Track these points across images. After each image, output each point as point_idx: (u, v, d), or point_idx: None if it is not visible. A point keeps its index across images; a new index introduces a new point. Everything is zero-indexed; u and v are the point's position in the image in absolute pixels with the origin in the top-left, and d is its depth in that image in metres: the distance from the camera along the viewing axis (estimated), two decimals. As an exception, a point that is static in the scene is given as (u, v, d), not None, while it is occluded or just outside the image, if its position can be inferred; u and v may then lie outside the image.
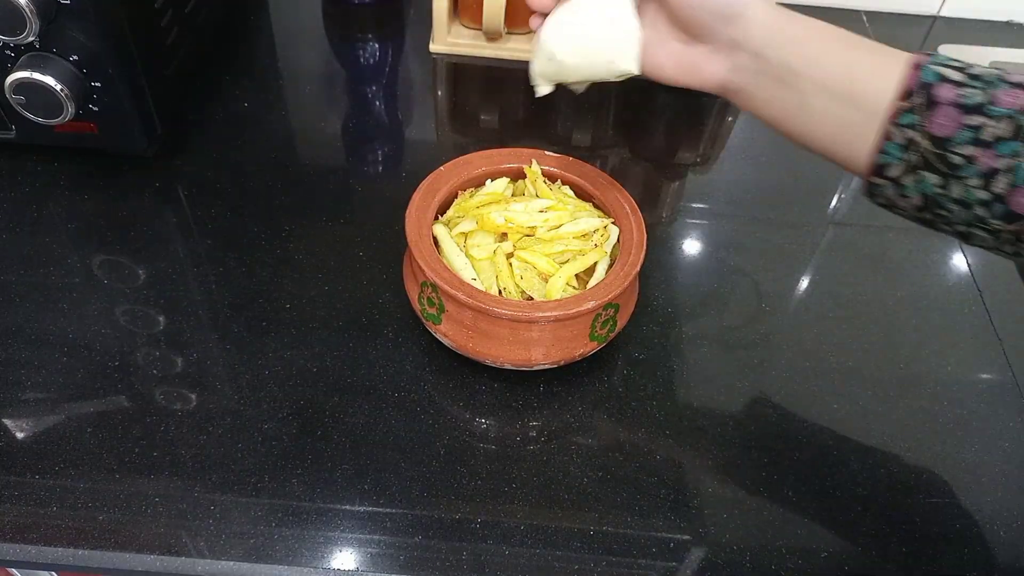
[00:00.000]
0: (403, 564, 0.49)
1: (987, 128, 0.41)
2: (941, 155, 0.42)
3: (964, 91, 0.41)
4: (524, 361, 0.55)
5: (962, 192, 0.42)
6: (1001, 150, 0.40)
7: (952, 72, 0.42)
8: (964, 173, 0.41)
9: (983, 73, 0.42)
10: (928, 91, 0.42)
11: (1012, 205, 0.41)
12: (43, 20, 0.57)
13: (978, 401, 0.60)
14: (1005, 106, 0.40)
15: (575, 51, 0.45)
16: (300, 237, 0.67)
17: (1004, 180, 0.40)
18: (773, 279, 0.68)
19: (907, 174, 0.43)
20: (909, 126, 0.42)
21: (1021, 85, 0.41)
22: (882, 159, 0.43)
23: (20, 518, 0.49)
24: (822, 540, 0.52)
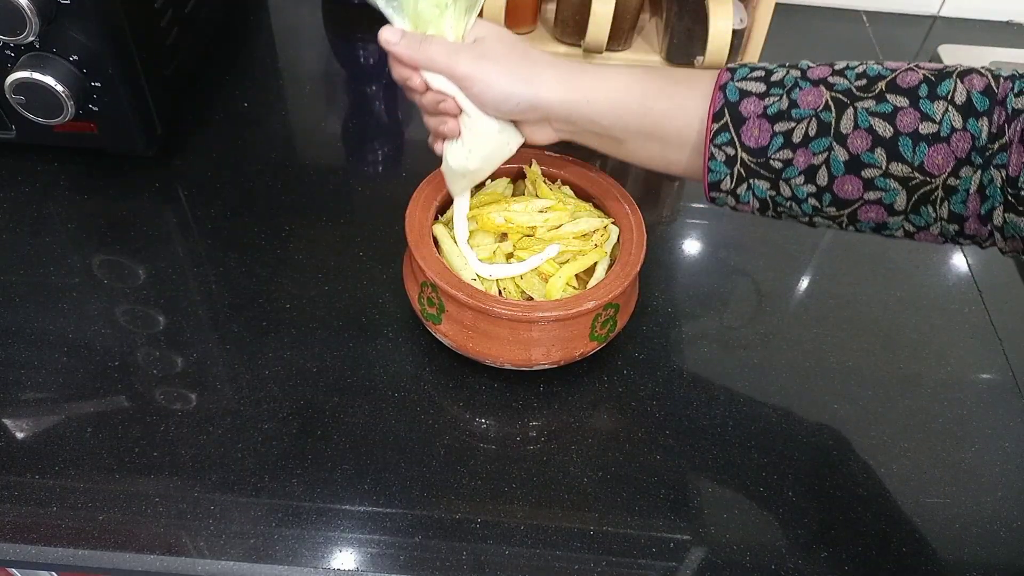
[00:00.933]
0: (403, 564, 0.49)
1: (796, 130, 0.44)
2: (762, 162, 0.46)
3: (767, 100, 0.45)
4: (524, 361, 0.55)
5: (791, 190, 0.46)
6: (813, 147, 0.44)
7: (753, 84, 0.46)
8: (787, 174, 0.45)
9: (784, 77, 0.46)
10: (734, 108, 0.46)
11: (838, 192, 0.44)
12: (43, 20, 0.57)
13: (978, 401, 0.60)
14: (807, 107, 0.44)
15: (484, 160, 0.55)
16: (300, 237, 0.67)
17: (824, 173, 0.44)
18: (773, 279, 0.68)
19: (739, 184, 0.47)
20: (726, 143, 0.46)
21: (820, 81, 0.44)
22: (712, 177, 0.48)
23: (20, 518, 0.49)
24: (822, 540, 0.52)
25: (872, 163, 0.43)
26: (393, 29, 0.53)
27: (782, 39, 0.89)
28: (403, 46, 0.52)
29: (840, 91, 0.44)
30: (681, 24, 0.82)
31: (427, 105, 0.54)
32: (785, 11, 0.91)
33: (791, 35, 0.94)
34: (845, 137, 0.43)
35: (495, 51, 0.51)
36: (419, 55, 0.51)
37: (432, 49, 0.51)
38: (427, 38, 0.52)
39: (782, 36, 0.89)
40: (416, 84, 0.53)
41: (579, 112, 0.50)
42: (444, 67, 0.51)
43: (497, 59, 0.51)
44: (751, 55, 0.86)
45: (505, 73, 0.50)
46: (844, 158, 0.43)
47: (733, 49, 0.82)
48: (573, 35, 0.85)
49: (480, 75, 0.50)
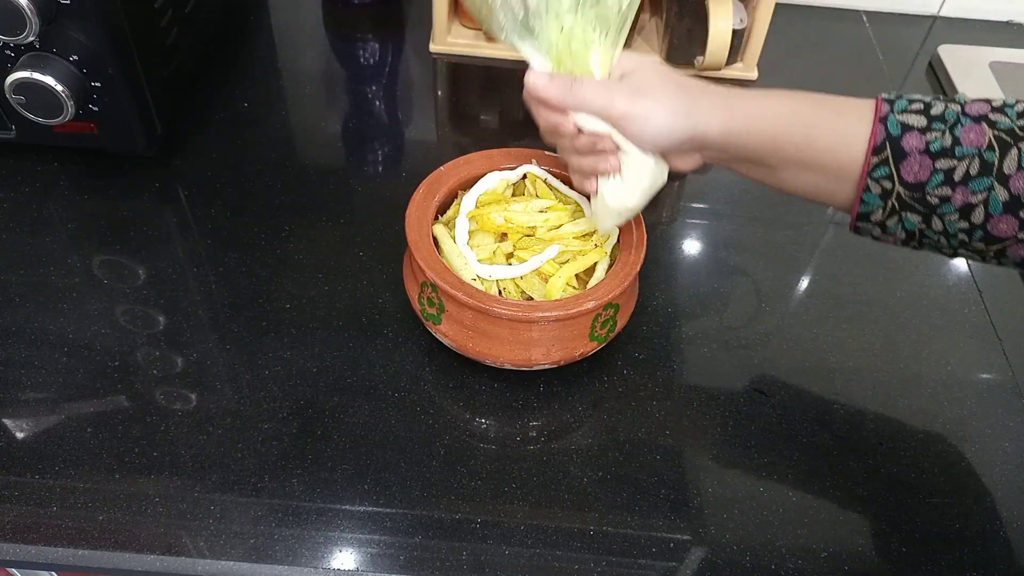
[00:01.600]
0: (403, 564, 0.49)
1: (957, 169, 0.43)
2: (919, 198, 0.44)
3: (930, 136, 0.44)
4: (524, 361, 0.55)
5: (943, 225, 0.45)
6: (974, 187, 0.43)
7: (915, 118, 0.44)
8: (943, 211, 0.44)
9: (945, 112, 0.44)
10: (895, 143, 0.44)
11: (992, 231, 0.43)
12: (43, 20, 0.57)
13: (978, 401, 0.60)
14: (970, 145, 0.43)
15: (643, 194, 0.53)
16: (300, 237, 0.67)
17: (980, 211, 0.43)
18: (773, 279, 0.68)
19: (889, 217, 0.46)
20: (884, 177, 0.45)
21: (981, 118, 0.43)
22: (863, 208, 0.46)
23: (20, 518, 0.49)
24: (822, 540, 0.52)
25: None
26: (539, 72, 0.50)
27: (782, 39, 0.89)
28: (553, 90, 0.50)
29: (1003, 130, 0.43)
30: (681, 24, 0.82)
31: (582, 147, 0.52)
32: (785, 11, 0.90)
33: (791, 35, 0.94)
34: (1008, 178, 0.42)
35: (649, 84, 0.49)
36: (571, 98, 0.49)
37: (584, 90, 0.49)
38: (577, 79, 0.50)
39: (782, 36, 0.89)
40: (568, 129, 0.51)
41: (738, 142, 0.48)
42: (600, 107, 0.49)
43: (653, 93, 0.49)
44: (751, 55, 0.86)
45: (663, 107, 0.48)
46: (1004, 198, 0.42)
47: (733, 49, 0.82)
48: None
49: (638, 112, 0.48)
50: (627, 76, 0.50)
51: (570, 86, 0.50)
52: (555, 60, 0.51)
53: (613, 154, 0.51)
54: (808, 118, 0.47)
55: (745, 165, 0.50)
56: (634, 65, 0.50)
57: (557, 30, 0.50)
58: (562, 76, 0.50)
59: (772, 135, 0.48)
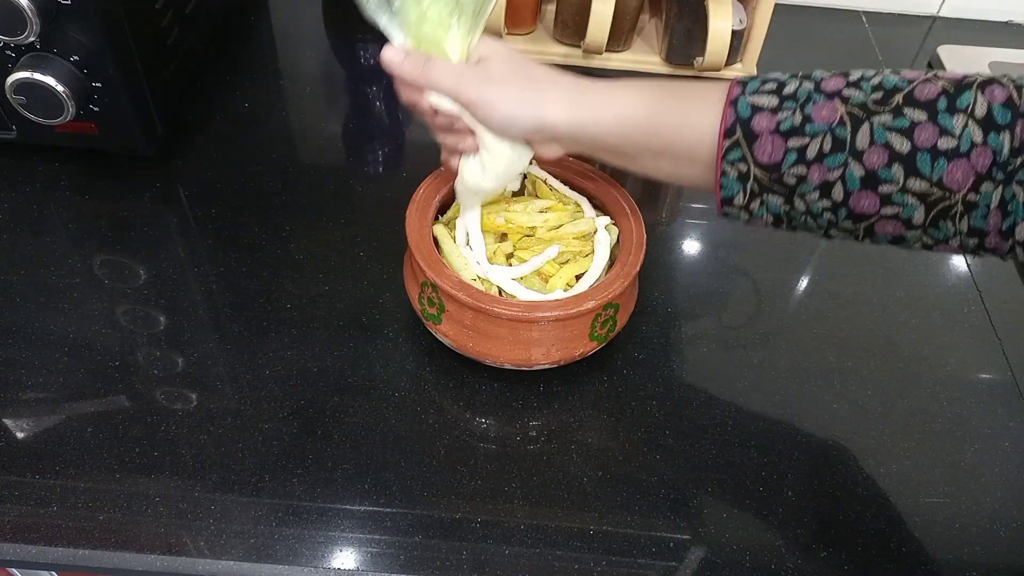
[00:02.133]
0: (403, 564, 0.49)
1: (810, 147, 0.43)
2: (776, 178, 0.44)
3: (780, 115, 0.44)
4: (524, 361, 0.55)
5: (805, 205, 0.45)
6: (829, 163, 0.43)
7: (765, 99, 0.44)
8: (802, 190, 0.44)
9: (797, 90, 0.44)
10: (746, 125, 0.44)
11: (855, 208, 0.43)
12: (43, 20, 0.57)
13: (978, 401, 0.60)
14: (822, 122, 0.43)
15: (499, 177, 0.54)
16: (300, 237, 0.67)
17: (839, 189, 0.43)
18: (773, 279, 0.68)
19: (752, 200, 0.46)
20: (739, 160, 0.45)
21: (835, 94, 0.43)
22: (725, 193, 0.46)
23: (20, 518, 0.49)
24: (822, 540, 0.52)
25: (889, 179, 0.42)
26: (396, 48, 0.52)
27: (782, 39, 0.89)
28: (407, 67, 0.51)
29: (856, 105, 0.42)
30: (681, 25, 0.82)
31: (440, 125, 0.53)
32: (785, 11, 0.90)
33: (791, 35, 0.94)
34: (861, 153, 0.42)
35: (500, 73, 0.50)
36: (423, 77, 0.51)
37: (436, 72, 0.50)
38: (430, 60, 0.51)
39: (782, 36, 0.89)
40: (424, 107, 0.52)
41: (586, 133, 0.49)
42: (449, 90, 0.50)
43: (502, 82, 0.50)
44: (751, 55, 0.86)
45: (510, 96, 0.49)
46: (860, 174, 0.42)
47: (733, 49, 0.82)
48: (573, 36, 0.85)
49: (485, 99, 0.49)
50: (482, 62, 0.51)
51: (423, 65, 0.51)
52: (414, 39, 0.52)
53: (471, 134, 0.52)
54: (654, 106, 0.48)
55: (603, 153, 0.51)
56: (491, 52, 0.51)
57: (416, 11, 0.51)
58: (417, 55, 0.51)
59: (619, 124, 0.48)
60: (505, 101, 0.49)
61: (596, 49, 0.81)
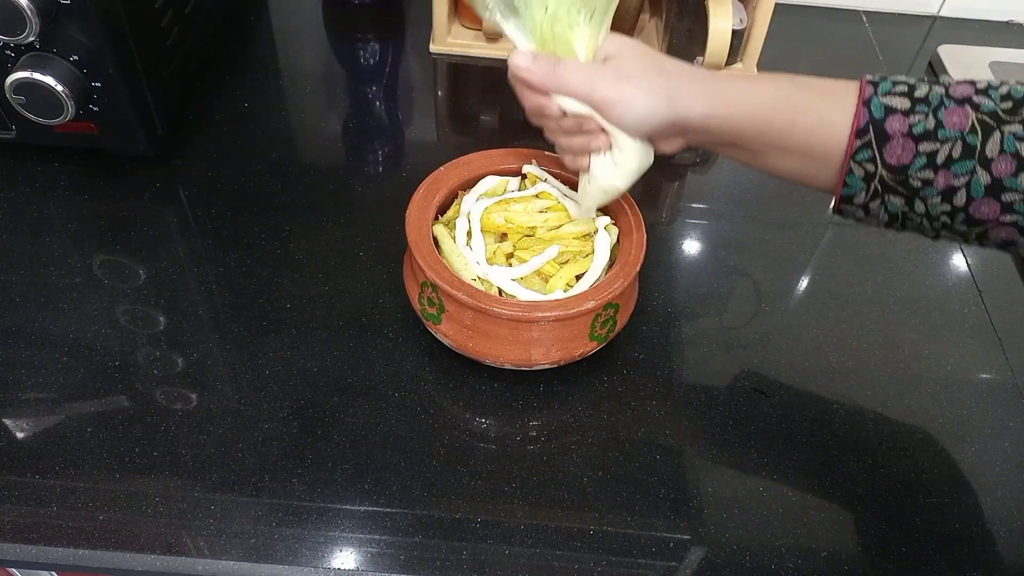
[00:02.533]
0: (403, 564, 0.49)
1: (940, 152, 0.43)
2: (901, 180, 0.44)
3: (913, 119, 0.44)
4: (524, 361, 0.55)
5: (925, 208, 0.45)
6: (956, 170, 0.43)
7: (898, 100, 0.44)
8: (925, 193, 0.44)
9: (929, 94, 0.44)
10: (879, 126, 0.44)
11: (974, 214, 0.43)
12: (43, 20, 0.57)
13: (978, 401, 0.60)
14: (953, 128, 0.43)
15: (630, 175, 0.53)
16: (300, 237, 0.67)
17: (963, 194, 0.43)
18: (773, 279, 0.68)
19: (872, 199, 0.46)
20: (867, 160, 0.45)
21: (965, 100, 0.43)
22: (846, 191, 0.46)
23: (20, 518, 0.49)
24: (822, 540, 0.52)
25: (1014, 188, 0.42)
26: (523, 54, 0.50)
27: (782, 39, 0.89)
28: (536, 71, 0.50)
29: (986, 112, 0.42)
30: (681, 24, 0.82)
31: (568, 128, 0.52)
32: (785, 11, 0.90)
33: (791, 35, 0.94)
34: (990, 161, 0.42)
35: (632, 68, 0.49)
36: (553, 81, 0.49)
37: (567, 73, 0.49)
38: (560, 61, 0.49)
39: (782, 36, 0.89)
40: (553, 111, 0.51)
41: (720, 127, 0.48)
42: (582, 91, 0.49)
43: (636, 78, 0.49)
44: (751, 55, 0.86)
45: (645, 92, 0.48)
46: (986, 182, 0.42)
47: (733, 49, 0.82)
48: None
49: (620, 97, 0.48)
50: (611, 59, 0.50)
51: (553, 68, 0.50)
52: (539, 41, 0.51)
53: (602, 133, 0.51)
54: (791, 102, 0.47)
55: (729, 148, 0.50)
56: (618, 48, 0.50)
57: (541, 11, 0.50)
58: (545, 57, 0.50)
59: (754, 119, 0.48)
60: (640, 98, 0.48)
61: (596, 49, 0.81)
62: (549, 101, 0.51)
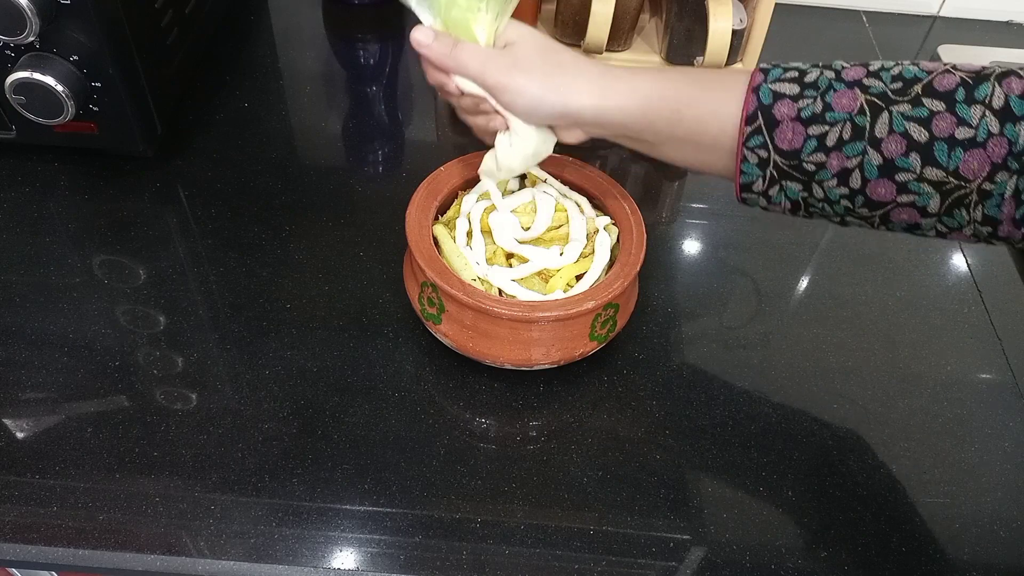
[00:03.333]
0: (403, 564, 0.49)
1: (830, 134, 0.44)
2: (795, 165, 0.45)
3: (801, 103, 0.44)
4: (524, 361, 0.55)
5: (823, 192, 0.45)
6: (847, 151, 0.43)
7: (787, 86, 0.45)
8: (820, 176, 0.45)
9: (819, 78, 0.45)
10: (767, 111, 0.45)
11: (872, 195, 0.44)
12: (43, 20, 0.57)
13: (978, 401, 0.60)
14: (842, 110, 0.43)
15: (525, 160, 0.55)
16: (300, 237, 0.67)
17: (857, 176, 0.44)
18: (773, 279, 0.68)
19: (771, 186, 0.47)
20: (759, 146, 0.45)
21: (855, 83, 0.44)
22: (744, 179, 0.47)
23: (20, 518, 0.49)
24: (822, 540, 0.52)
25: (906, 167, 0.42)
26: (425, 30, 0.52)
27: (782, 39, 0.89)
28: (435, 49, 0.51)
29: (875, 94, 0.43)
30: (681, 24, 0.82)
31: (466, 107, 0.54)
32: (785, 11, 0.91)
33: (791, 35, 0.94)
34: (880, 141, 0.43)
35: (527, 58, 0.50)
36: (450, 61, 0.51)
37: (463, 56, 0.50)
38: (458, 44, 0.51)
39: (782, 36, 0.89)
40: (451, 89, 0.52)
41: (610, 119, 0.50)
42: (475, 75, 0.51)
43: (529, 67, 0.50)
44: (751, 55, 0.86)
45: (535, 82, 0.50)
46: (878, 162, 0.43)
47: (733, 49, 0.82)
48: (573, 35, 0.85)
49: (510, 85, 0.50)
50: (509, 47, 0.51)
51: (451, 48, 0.51)
52: (443, 22, 0.52)
53: (498, 115, 0.52)
54: (677, 94, 0.48)
55: (625, 140, 0.52)
56: (518, 36, 0.51)
57: None
58: (445, 38, 0.51)
59: (643, 112, 0.49)
60: (530, 87, 0.50)
61: (596, 49, 0.81)
62: (448, 79, 0.52)
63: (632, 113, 0.49)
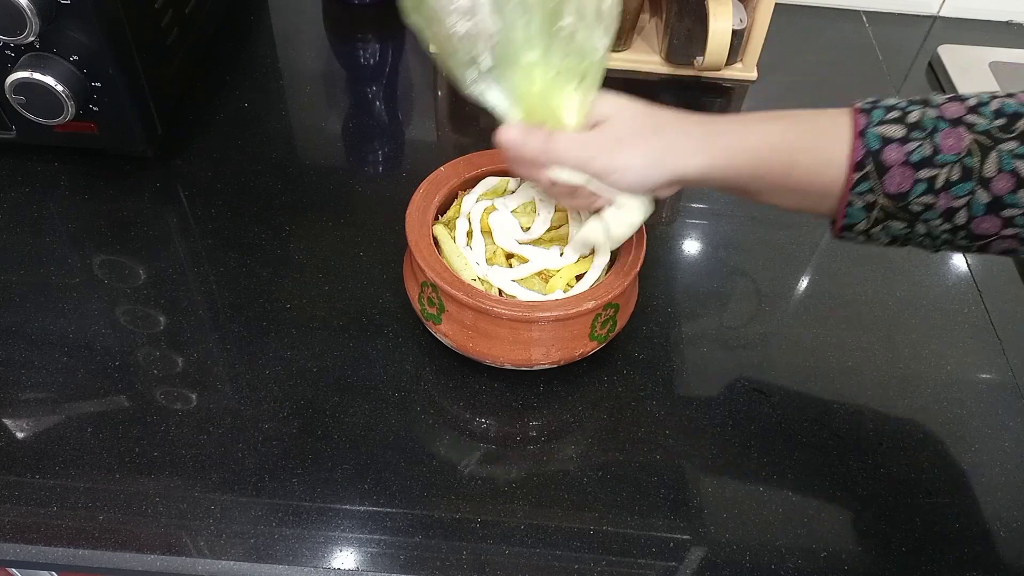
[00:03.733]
0: (403, 564, 0.49)
1: (939, 176, 0.43)
2: (902, 207, 0.45)
3: (909, 146, 0.44)
4: (524, 361, 0.55)
5: (927, 229, 0.45)
6: (956, 192, 0.43)
7: (893, 128, 0.44)
8: (926, 216, 0.44)
9: (923, 119, 0.44)
10: (876, 157, 0.44)
11: (975, 230, 0.44)
12: (43, 20, 0.57)
13: (978, 401, 0.60)
14: (950, 151, 0.43)
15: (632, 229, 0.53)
16: (300, 237, 0.67)
17: (964, 214, 0.43)
18: (773, 279, 0.68)
19: (874, 226, 0.46)
20: (867, 191, 0.45)
21: (958, 121, 0.43)
22: (847, 221, 0.47)
23: (20, 518, 0.49)
24: (822, 540, 0.52)
25: (1014, 204, 0.42)
26: (512, 127, 0.49)
27: (782, 39, 0.89)
28: (529, 147, 0.49)
29: (980, 132, 0.43)
30: (681, 24, 0.82)
31: (560, 194, 0.52)
32: (785, 11, 0.90)
33: (791, 35, 0.94)
34: (988, 181, 0.42)
35: (624, 131, 0.48)
36: (547, 156, 0.48)
37: (562, 147, 0.48)
38: (551, 134, 0.48)
39: (782, 36, 0.89)
40: (545, 182, 0.50)
41: (718, 177, 0.48)
42: (578, 164, 0.48)
43: (629, 143, 0.48)
44: (751, 55, 0.86)
45: (639, 158, 0.48)
46: (986, 200, 0.43)
47: (733, 49, 0.82)
48: (573, 35, 0.85)
49: (616, 166, 0.48)
50: (605, 124, 0.49)
51: (545, 143, 0.48)
52: (525, 110, 0.49)
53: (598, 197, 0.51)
54: (787, 144, 0.47)
55: (728, 191, 0.51)
56: (611, 110, 0.49)
57: (527, 84, 0.48)
58: (536, 132, 0.49)
59: (753, 167, 0.47)
60: (636, 164, 0.48)
61: (596, 49, 0.81)
62: (541, 173, 0.50)
63: (741, 169, 0.47)
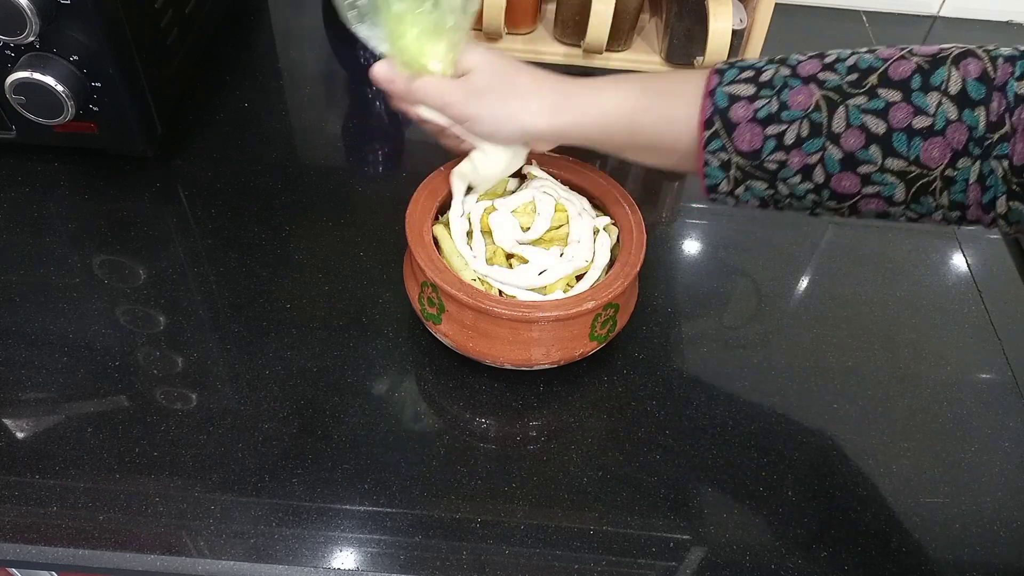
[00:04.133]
0: (403, 564, 0.49)
1: (788, 133, 0.44)
2: (757, 165, 0.45)
3: (757, 104, 0.44)
4: (524, 361, 0.55)
5: (788, 189, 0.46)
6: (807, 148, 0.44)
7: (743, 87, 0.45)
8: (783, 174, 0.45)
9: (774, 77, 0.45)
10: (723, 115, 0.45)
11: (837, 189, 0.44)
12: (43, 20, 0.57)
13: (978, 401, 0.60)
14: (798, 107, 0.43)
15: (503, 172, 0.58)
16: (300, 237, 0.67)
17: (820, 172, 0.44)
18: (773, 279, 0.68)
19: (736, 186, 0.47)
20: (720, 149, 0.46)
21: (810, 79, 0.44)
22: (709, 181, 0.47)
23: (20, 518, 0.49)
24: (822, 540, 0.52)
25: (867, 160, 0.43)
26: (383, 66, 0.54)
27: (782, 39, 0.89)
28: (397, 86, 0.54)
29: (831, 88, 0.43)
30: (681, 24, 0.82)
31: (432, 132, 0.56)
32: (785, 11, 0.90)
33: (791, 35, 0.94)
34: (838, 136, 0.43)
35: (483, 86, 0.52)
36: (410, 96, 0.53)
37: (422, 90, 0.53)
38: (415, 78, 0.53)
39: (782, 36, 0.89)
40: (415, 117, 0.55)
41: (568, 135, 0.52)
42: (435, 107, 0.53)
43: (485, 95, 0.52)
44: (751, 55, 0.86)
45: (490, 109, 0.51)
46: (839, 156, 0.43)
47: (733, 49, 0.82)
48: (573, 35, 0.85)
49: (468, 114, 0.52)
50: (468, 75, 0.52)
51: (409, 84, 0.53)
52: (398, 53, 0.53)
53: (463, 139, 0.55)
54: (633, 106, 0.49)
55: (588, 145, 0.53)
56: (475, 63, 0.52)
57: (397, 26, 0.52)
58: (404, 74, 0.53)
59: (599, 127, 0.50)
60: (487, 115, 0.52)
61: (596, 49, 0.81)
62: (410, 108, 0.55)
63: (588, 129, 0.50)
